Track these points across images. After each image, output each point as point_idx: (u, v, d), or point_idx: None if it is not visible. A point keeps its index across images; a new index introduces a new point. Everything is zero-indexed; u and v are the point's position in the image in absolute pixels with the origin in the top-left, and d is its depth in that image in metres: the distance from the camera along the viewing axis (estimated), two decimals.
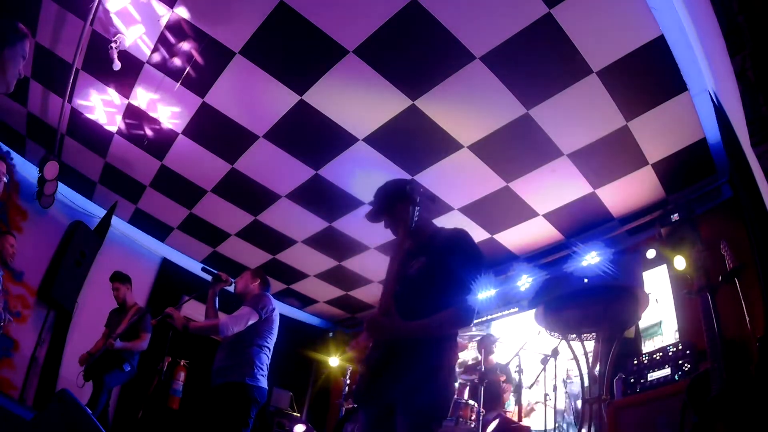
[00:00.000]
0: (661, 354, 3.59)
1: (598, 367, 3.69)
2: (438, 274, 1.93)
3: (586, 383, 3.42)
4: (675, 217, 4.27)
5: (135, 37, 3.93)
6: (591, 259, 4.95)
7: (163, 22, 3.80)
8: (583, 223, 5.18)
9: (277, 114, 4.43)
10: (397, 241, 1.97)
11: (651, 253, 4.57)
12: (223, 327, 3.16)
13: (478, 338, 5.34)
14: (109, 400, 4.57)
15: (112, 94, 4.55)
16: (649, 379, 3.47)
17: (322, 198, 5.31)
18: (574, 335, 3.75)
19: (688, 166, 4.26)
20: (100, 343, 4.72)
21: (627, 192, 4.69)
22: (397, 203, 2.08)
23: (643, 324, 4.25)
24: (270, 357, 3.42)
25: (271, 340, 3.45)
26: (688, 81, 3.53)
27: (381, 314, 1.84)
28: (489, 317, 6.12)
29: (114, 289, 4.89)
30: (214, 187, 5.50)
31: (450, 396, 1.87)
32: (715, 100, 3.52)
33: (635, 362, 3.68)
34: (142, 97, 4.52)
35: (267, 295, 3.50)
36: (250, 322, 3.28)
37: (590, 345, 3.90)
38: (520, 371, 4.90)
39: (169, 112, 4.62)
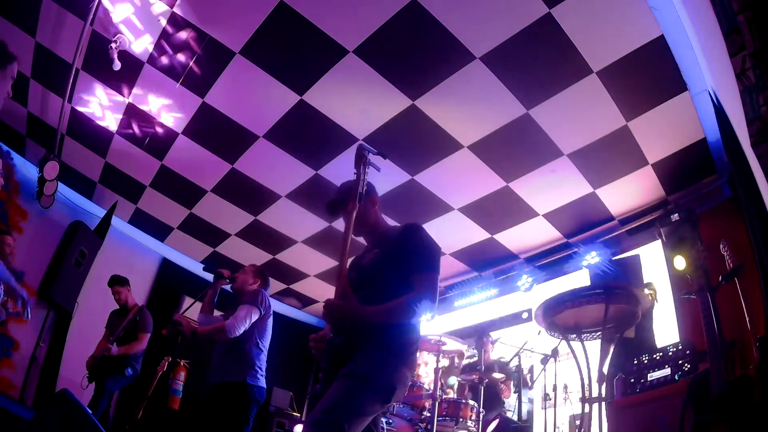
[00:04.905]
0: (661, 354, 3.59)
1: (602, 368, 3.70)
2: (390, 264, 1.97)
3: (586, 383, 3.42)
4: (675, 217, 4.27)
5: (135, 36, 3.93)
6: (591, 259, 4.96)
7: (163, 22, 3.80)
8: (583, 223, 5.18)
9: (277, 114, 4.43)
10: (346, 228, 1.97)
11: (651, 253, 4.57)
12: (230, 328, 3.16)
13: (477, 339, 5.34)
14: (110, 402, 4.57)
15: (112, 94, 4.55)
16: (649, 379, 3.47)
17: (322, 198, 5.30)
18: (574, 335, 3.75)
19: (688, 166, 4.26)
20: (102, 345, 4.72)
21: (627, 192, 4.69)
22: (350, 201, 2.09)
23: None
24: (266, 357, 3.42)
25: (268, 340, 3.45)
26: (688, 81, 3.53)
27: (338, 297, 1.86)
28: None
29: (115, 293, 4.87)
30: (214, 187, 5.50)
31: (395, 383, 1.80)
32: (715, 100, 3.52)
33: (635, 362, 3.67)
34: (142, 97, 4.52)
35: (264, 292, 3.49)
36: (254, 319, 3.28)
37: (590, 345, 3.90)
38: (520, 371, 4.91)
39: (169, 112, 4.62)
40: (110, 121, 4.85)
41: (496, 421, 4.34)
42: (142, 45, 4.00)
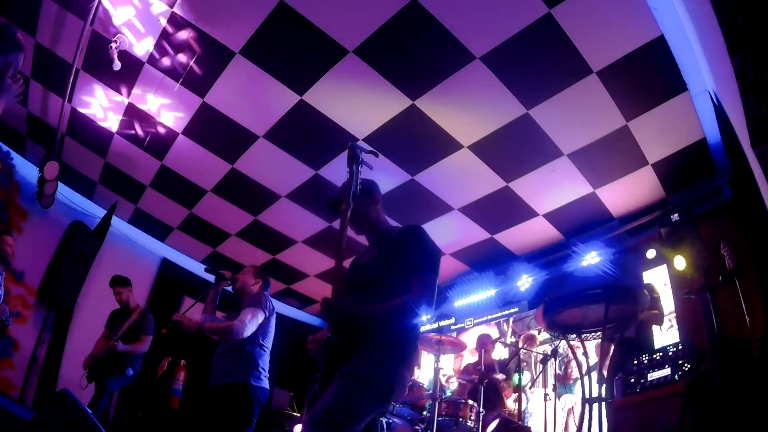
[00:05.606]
0: (661, 354, 3.59)
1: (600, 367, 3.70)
2: (388, 265, 1.98)
3: (587, 383, 3.43)
4: (675, 217, 4.27)
5: (135, 36, 3.93)
6: (591, 259, 4.96)
7: (163, 21, 3.80)
8: (583, 223, 5.18)
9: (277, 114, 4.43)
10: (341, 227, 1.97)
11: (651, 253, 4.57)
12: (237, 330, 3.12)
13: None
14: (110, 402, 4.57)
15: (112, 94, 4.55)
16: (649, 379, 3.47)
17: (322, 198, 5.30)
18: (574, 335, 3.75)
19: (688, 166, 4.26)
20: (101, 344, 4.71)
21: (627, 192, 4.69)
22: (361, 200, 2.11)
23: None
24: (268, 359, 3.41)
25: (270, 341, 3.44)
26: (688, 81, 3.53)
27: (335, 295, 1.87)
28: (489, 317, 6.13)
29: (116, 294, 4.86)
30: (214, 187, 5.50)
31: (394, 384, 1.81)
32: (715, 100, 3.52)
33: (635, 362, 3.67)
34: (142, 96, 4.52)
35: (266, 294, 3.49)
36: (260, 321, 3.27)
37: (590, 345, 3.90)
38: (520, 371, 4.91)
39: (169, 111, 4.62)
40: (110, 121, 4.85)
41: (496, 421, 4.34)
42: (142, 45, 3.99)
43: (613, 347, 3.28)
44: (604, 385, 3.15)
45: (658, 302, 4.27)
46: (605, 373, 3.39)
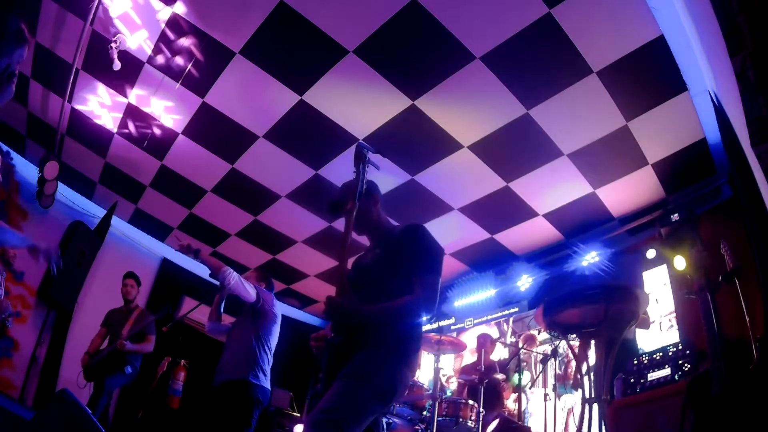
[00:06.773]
0: (661, 354, 3.59)
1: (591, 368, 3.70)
2: (390, 264, 1.96)
3: (587, 383, 3.43)
4: (675, 217, 4.27)
5: (135, 37, 3.93)
6: (591, 259, 4.96)
7: (164, 22, 3.80)
8: (583, 223, 5.18)
9: (277, 114, 4.43)
10: (346, 226, 1.96)
11: (651, 253, 4.57)
12: (228, 273, 3.15)
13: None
14: (109, 401, 4.57)
15: (112, 94, 4.55)
16: (649, 379, 3.47)
17: (322, 198, 5.31)
18: (574, 335, 3.75)
19: (688, 166, 4.26)
20: (97, 342, 4.72)
21: (627, 192, 4.69)
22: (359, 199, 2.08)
23: None
24: (271, 361, 3.41)
25: (274, 342, 3.45)
26: (688, 81, 3.53)
27: (338, 294, 1.86)
28: (489, 317, 6.13)
29: (129, 286, 4.91)
30: (214, 187, 5.50)
31: (396, 384, 1.80)
32: (715, 100, 3.52)
33: (635, 362, 3.68)
34: (142, 97, 4.52)
35: (269, 293, 3.52)
36: (248, 293, 3.26)
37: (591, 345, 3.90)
38: (520, 371, 4.91)
39: (169, 112, 4.62)
40: (110, 121, 4.86)
41: (496, 421, 4.34)
42: (142, 45, 3.99)
43: (613, 347, 3.28)
44: (587, 389, 3.15)
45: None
46: (584, 376, 3.39)
